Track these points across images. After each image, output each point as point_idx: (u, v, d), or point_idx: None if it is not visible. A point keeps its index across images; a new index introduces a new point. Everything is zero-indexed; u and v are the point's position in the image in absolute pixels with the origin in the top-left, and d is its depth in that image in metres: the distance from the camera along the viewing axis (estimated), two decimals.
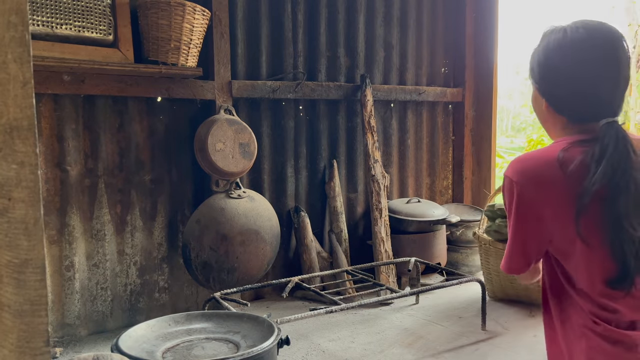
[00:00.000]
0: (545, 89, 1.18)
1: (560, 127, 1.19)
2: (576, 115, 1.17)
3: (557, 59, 1.16)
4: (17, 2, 0.55)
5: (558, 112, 1.17)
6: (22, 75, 0.56)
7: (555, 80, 1.17)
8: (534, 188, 1.09)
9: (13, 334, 0.58)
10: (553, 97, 1.17)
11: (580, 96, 1.14)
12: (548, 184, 1.08)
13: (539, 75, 1.20)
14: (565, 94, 1.16)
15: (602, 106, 1.14)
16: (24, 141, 0.56)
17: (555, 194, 1.08)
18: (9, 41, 0.55)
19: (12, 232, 0.57)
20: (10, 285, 0.57)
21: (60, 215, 1.95)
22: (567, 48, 1.15)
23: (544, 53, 1.18)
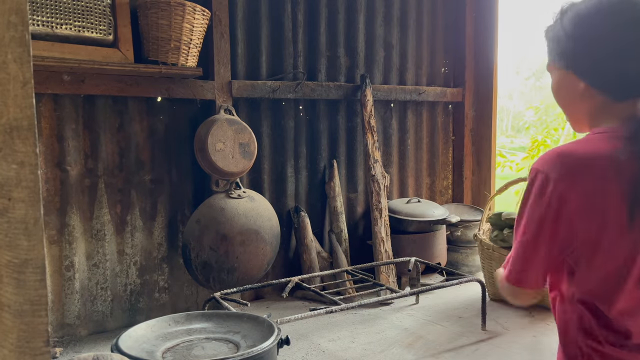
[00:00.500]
0: (585, 65, 1.02)
1: (599, 111, 1.04)
2: (625, 90, 1.01)
3: (597, 26, 1.02)
4: (17, 2, 0.55)
5: (602, 90, 1.02)
6: (22, 75, 0.56)
7: (598, 52, 1.01)
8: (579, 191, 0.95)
9: (13, 334, 0.58)
10: (596, 74, 1.02)
11: (631, 64, 1.00)
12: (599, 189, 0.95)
13: (573, 51, 1.04)
14: (612, 66, 1.00)
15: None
16: (24, 141, 0.56)
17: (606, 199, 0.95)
18: (9, 41, 0.55)
19: (12, 232, 0.57)
20: (10, 285, 0.57)
21: (60, 215, 1.95)
22: (606, 11, 1.01)
23: (577, 24, 1.03)
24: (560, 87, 1.10)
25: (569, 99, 1.10)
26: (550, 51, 1.09)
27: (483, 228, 2.43)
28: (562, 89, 1.09)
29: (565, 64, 1.06)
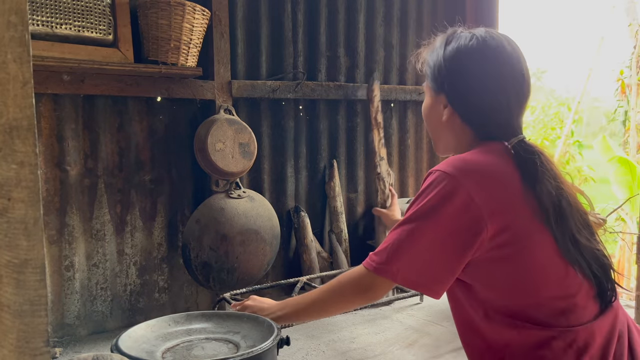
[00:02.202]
0: (455, 95, 1.08)
1: (465, 141, 1.10)
2: (486, 130, 1.08)
3: (473, 64, 1.06)
4: (17, 1, 0.55)
5: (467, 123, 1.09)
6: (21, 75, 0.56)
7: (469, 87, 1.07)
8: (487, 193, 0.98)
9: (12, 334, 0.58)
10: (464, 106, 1.08)
11: (495, 107, 1.06)
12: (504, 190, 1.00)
13: (448, 80, 1.09)
14: (479, 104, 1.06)
15: (512, 123, 1.08)
16: (23, 141, 0.56)
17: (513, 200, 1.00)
18: (9, 41, 0.55)
19: (11, 232, 0.57)
20: (9, 285, 0.57)
21: (59, 215, 1.95)
22: (486, 53, 1.06)
23: (456, 56, 1.08)
24: (429, 109, 1.17)
25: (436, 122, 1.15)
26: (431, 72, 1.14)
27: None
28: (431, 111, 1.16)
29: (438, 89, 1.12)
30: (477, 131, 1.09)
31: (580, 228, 1.02)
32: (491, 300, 1.02)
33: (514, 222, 0.98)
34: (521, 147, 1.05)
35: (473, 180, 0.98)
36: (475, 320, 1.05)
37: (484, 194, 0.97)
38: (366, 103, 2.73)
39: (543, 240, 1.00)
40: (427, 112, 1.18)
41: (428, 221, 0.99)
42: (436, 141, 1.20)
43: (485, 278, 1.02)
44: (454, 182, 0.98)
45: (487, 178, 1.00)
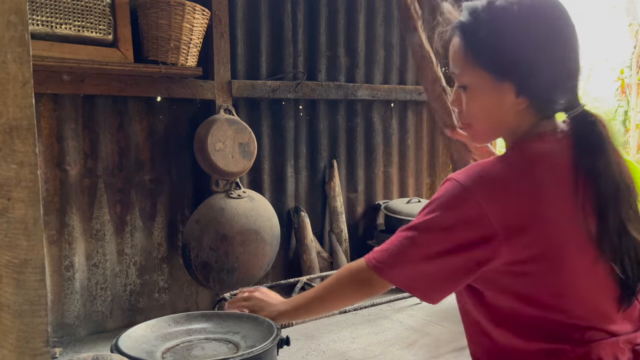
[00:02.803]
0: (528, 80, 0.90)
1: (525, 124, 0.95)
2: (551, 107, 0.94)
3: (539, 33, 0.91)
4: (17, 1, 0.55)
5: (534, 106, 0.92)
6: (21, 75, 0.56)
7: (541, 64, 0.90)
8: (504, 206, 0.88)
9: (12, 334, 0.58)
10: (536, 89, 0.91)
11: (564, 78, 0.92)
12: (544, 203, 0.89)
13: (513, 61, 0.91)
14: (551, 79, 0.91)
15: (577, 90, 0.95)
16: (23, 141, 0.56)
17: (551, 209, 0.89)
18: (9, 41, 0.55)
19: (11, 232, 0.57)
20: (9, 285, 0.57)
21: (60, 215, 1.95)
22: (548, 14, 0.92)
23: (516, 29, 0.91)
24: (483, 97, 0.96)
25: (492, 111, 0.96)
26: (482, 60, 0.93)
27: None
28: (485, 99, 0.95)
29: (500, 76, 0.92)
30: (541, 111, 0.94)
31: (633, 216, 0.91)
32: (502, 308, 0.96)
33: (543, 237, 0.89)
34: (582, 120, 0.92)
35: (488, 192, 0.89)
36: (482, 322, 1.01)
37: (499, 207, 0.88)
38: (366, 103, 2.73)
39: (580, 250, 0.89)
40: (481, 104, 0.97)
41: (434, 234, 0.92)
42: (484, 131, 1.02)
43: (499, 288, 0.95)
44: (465, 194, 0.90)
45: (508, 189, 0.90)
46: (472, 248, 0.89)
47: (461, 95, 0.99)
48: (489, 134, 1.02)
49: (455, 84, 1.00)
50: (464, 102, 0.98)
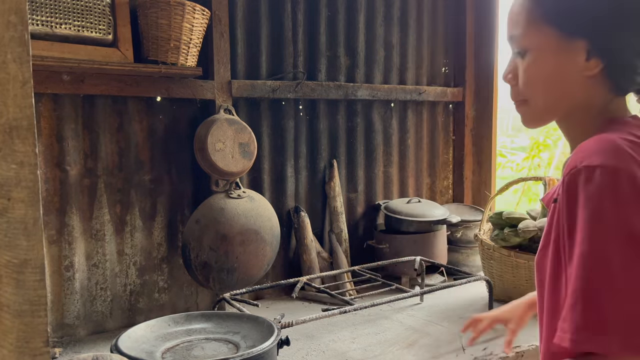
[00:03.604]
0: (605, 38, 0.74)
1: (599, 99, 0.79)
2: (631, 84, 0.79)
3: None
4: (17, 1, 0.55)
5: (609, 75, 0.77)
6: (21, 75, 0.56)
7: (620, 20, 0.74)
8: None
9: (12, 334, 0.58)
10: (614, 57, 0.75)
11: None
12: None
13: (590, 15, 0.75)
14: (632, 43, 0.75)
15: None
16: (23, 141, 0.56)
17: None
18: (9, 41, 0.55)
19: (11, 232, 0.57)
20: (9, 285, 0.57)
21: (59, 215, 1.95)
22: None
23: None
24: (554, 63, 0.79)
25: (564, 80, 0.79)
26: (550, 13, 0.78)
27: (484, 228, 2.43)
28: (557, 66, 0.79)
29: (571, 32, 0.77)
30: (617, 83, 0.78)
31: None
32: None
33: None
34: None
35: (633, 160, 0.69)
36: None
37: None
38: (366, 103, 2.73)
39: None
40: (543, 70, 0.80)
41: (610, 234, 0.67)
42: (546, 107, 0.83)
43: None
44: (612, 170, 0.68)
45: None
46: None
47: (518, 65, 0.83)
48: (548, 111, 0.84)
49: (512, 54, 0.85)
50: (521, 71, 0.83)
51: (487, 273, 2.35)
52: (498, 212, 2.31)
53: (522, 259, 2.13)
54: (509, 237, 2.19)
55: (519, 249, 2.19)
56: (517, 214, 2.24)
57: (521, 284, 2.17)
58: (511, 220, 2.22)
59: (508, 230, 2.21)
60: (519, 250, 2.19)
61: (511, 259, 2.16)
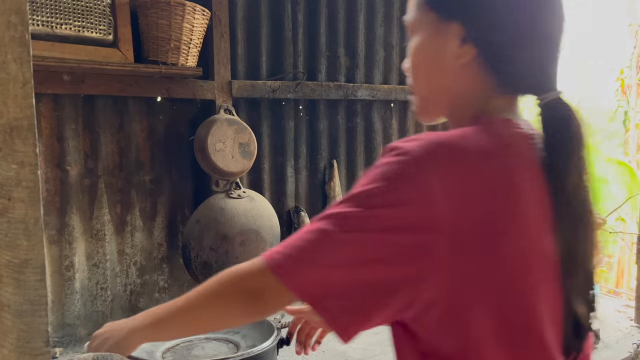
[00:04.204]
0: (480, 22, 0.70)
1: (479, 95, 0.73)
2: (514, 78, 0.72)
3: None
4: (17, 1, 0.55)
5: (490, 67, 0.72)
6: (22, 75, 0.56)
7: (500, 6, 0.70)
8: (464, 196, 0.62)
9: (13, 334, 0.58)
10: (491, 38, 0.70)
11: (534, 40, 0.70)
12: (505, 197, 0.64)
13: (473, 5, 0.71)
14: (514, 33, 0.69)
15: (550, 69, 0.72)
16: (24, 141, 0.56)
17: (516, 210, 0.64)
18: (9, 41, 0.55)
19: (11, 232, 0.57)
20: (10, 285, 0.57)
21: (60, 215, 1.95)
22: None
23: None
24: (431, 44, 0.75)
25: (441, 64, 0.74)
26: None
27: None
28: (433, 48, 0.75)
29: (446, 15, 0.73)
30: (501, 79, 0.72)
31: (589, 243, 0.69)
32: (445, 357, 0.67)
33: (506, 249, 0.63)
34: (554, 110, 0.69)
35: (445, 172, 0.62)
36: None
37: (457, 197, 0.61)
38: (366, 103, 2.73)
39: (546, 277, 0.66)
40: (423, 54, 0.77)
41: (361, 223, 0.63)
42: (427, 98, 0.83)
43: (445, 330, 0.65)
44: (410, 166, 0.62)
45: (475, 175, 0.63)
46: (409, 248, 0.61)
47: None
48: (431, 102, 0.82)
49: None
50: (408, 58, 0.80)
51: None
52: None
53: None
54: None
55: None
56: None
57: None
58: None
59: None
60: None
61: None
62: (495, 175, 0.64)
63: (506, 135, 0.69)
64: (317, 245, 0.66)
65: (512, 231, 0.63)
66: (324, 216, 0.68)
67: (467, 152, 0.64)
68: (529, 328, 0.66)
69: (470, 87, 0.73)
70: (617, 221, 5.34)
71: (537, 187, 0.66)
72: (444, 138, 0.65)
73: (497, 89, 0.73)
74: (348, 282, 0.63)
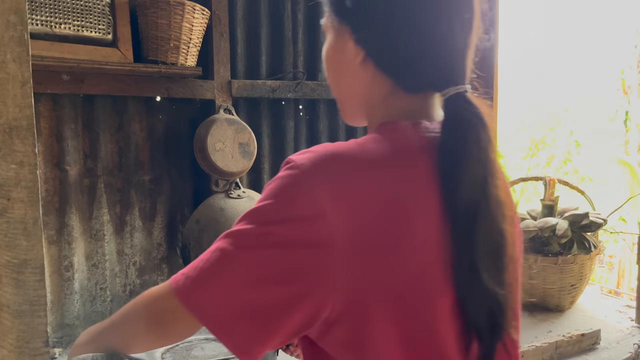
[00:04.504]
0: (364, 29, 0.72)
1: (380, 95, 0.73)
2: (414, 79, 0.71)
3: None
4: (17, 1, 0.55)
5: (385, 72, 0.72)
6: (21, 75, 0.56)
7: (387, 14, 0.69)
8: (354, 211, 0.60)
9: (12, 334, 0.58)
10: (378, 47, 0.71)
11: (428, 39, 0.68)
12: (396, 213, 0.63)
13: (352, 4, 0.73)
14: (404, 45, 0.69)
15: (454, 63, 0.70)
16: (23, 141, 0.56)
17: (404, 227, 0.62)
18: (8, 41, 0.55)
19: (11, 232, 0.57)
20: (9, 285, 0.57)
21: (59, 215, 1.94)
22: None
23: None
24: (332, 48, 0.77)
25: (341, 67, 0.76)
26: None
27: None
28: (334, 51, 0.77)
29: (342, 19, 0.75)
30: (398, 80, 0.71)
31: (492, 249, 0.66)
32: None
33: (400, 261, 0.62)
34: (458, 105, 0.67)
35: (335, 185, 0.61)
36: None
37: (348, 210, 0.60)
38: None
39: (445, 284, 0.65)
40: (332, 57, 0.79)
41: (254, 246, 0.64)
42: (342, 101, 0.83)
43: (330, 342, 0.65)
44: (300, 181, 0.62)
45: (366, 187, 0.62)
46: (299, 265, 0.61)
47: None
48: (347, 105, 0.82)
49: None
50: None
51: None
52: None
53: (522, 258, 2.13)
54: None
55: None
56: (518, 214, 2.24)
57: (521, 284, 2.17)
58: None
59: None
60: None
61: None
62: (386, 186, 0.63)
63: (406, 143, 0.68)
64: (214, 265, 0.68)
65: (404, 242, 0.62)
66: (224, 235, 0.70)
67: (358, 163, 0.63)
68: (430, 339, 0.65)
69: (372, 88, 0.74)
70: (618, 221, 5.34)
71: (432, 193, 0.65)
72: (336, 149, 0.65)
73: (399, 88, 0.72)
74: (245, 301, 0.63)
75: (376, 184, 0.62)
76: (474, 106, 0.67)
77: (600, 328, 1.89)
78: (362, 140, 0.68)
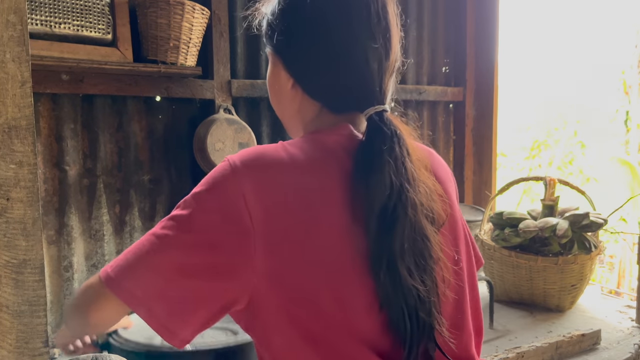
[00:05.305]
0: (292, 60, 0.82)
1: (311, 115, 0.85)
2: (337, 101, 0.82)
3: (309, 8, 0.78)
4: (16, 1, 0.55)
5: (312, 96, 0.83)
6: (20, 74, 0.55)
7: (310, 48, 0.79)
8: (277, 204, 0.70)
9: (12, 335, 0.58)
10: (304, 74, 0.82)
11: (345, 77, 0.79)
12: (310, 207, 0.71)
13: (279, 32, 0.81)
14: (325, 74, 0.80)
15: (371, 87, 0.80)
16: (22, 141, 0.56)
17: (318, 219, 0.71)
18: (8, 40, 0.55)
19: (10, 232, 0.56)
20: (8, 285, 0.57)
21: (58, 215, 1.94)
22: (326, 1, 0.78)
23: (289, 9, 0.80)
24: (271, 75, 0.88)
25: (277, 92, 0.88)
26: (265, 30, 0.86)
27: (484, 228, 2.43)
28: (272, 78, 0.87)
29: (273, 49, 0.84)
30: (323, 102, 0.83)
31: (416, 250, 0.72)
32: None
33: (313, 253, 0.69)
34: (376, 122, 0.77)
35: (257, 179, 0.71)
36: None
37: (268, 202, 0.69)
38: None
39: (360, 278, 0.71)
40: (272, 82, 0.88)
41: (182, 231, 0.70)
42: (282, 119, 0.95)
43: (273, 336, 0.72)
44: (229, 176, 0.71)
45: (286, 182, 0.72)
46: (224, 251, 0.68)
47: None
48: (290, 128, 0.95)
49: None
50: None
51: (488, 273, 2.35)
52: (499, 212, 2.31)
53: (523, 259, 2.13)
54: (509, 237, 2.19)
55: (520, 249, 2.19)
56: (518, 214, 2.24)
57: (522, 284, 2.17)
58: (512, 220, 2.22)
59: (509, 230, 2.21)
60: (520, 250, 2.19)
61: (512, 259, 2.15)
62: (305, 183, 0.72)
63: (322, 147, 0.77)
64: (143, 250, 0.72)
65: (319, 235, 0.70)
66: (160, 222, 0.76)
67: (279, 161, 0.73)
68: (343, 330, 0.70)
69: (303, 109, 0.85)
70: (619, 221, 5.35)
71: (340, 190, 0.73)
72: (262, 150, 0.75)
73: (327, 109, 0.83)
74: (169, 284, 0.69)
75: (295, 180, 0.72)
76: (391, 123, 0.77)
77: (600, 328, 1.88)
78: (287, 142, 0.79)
